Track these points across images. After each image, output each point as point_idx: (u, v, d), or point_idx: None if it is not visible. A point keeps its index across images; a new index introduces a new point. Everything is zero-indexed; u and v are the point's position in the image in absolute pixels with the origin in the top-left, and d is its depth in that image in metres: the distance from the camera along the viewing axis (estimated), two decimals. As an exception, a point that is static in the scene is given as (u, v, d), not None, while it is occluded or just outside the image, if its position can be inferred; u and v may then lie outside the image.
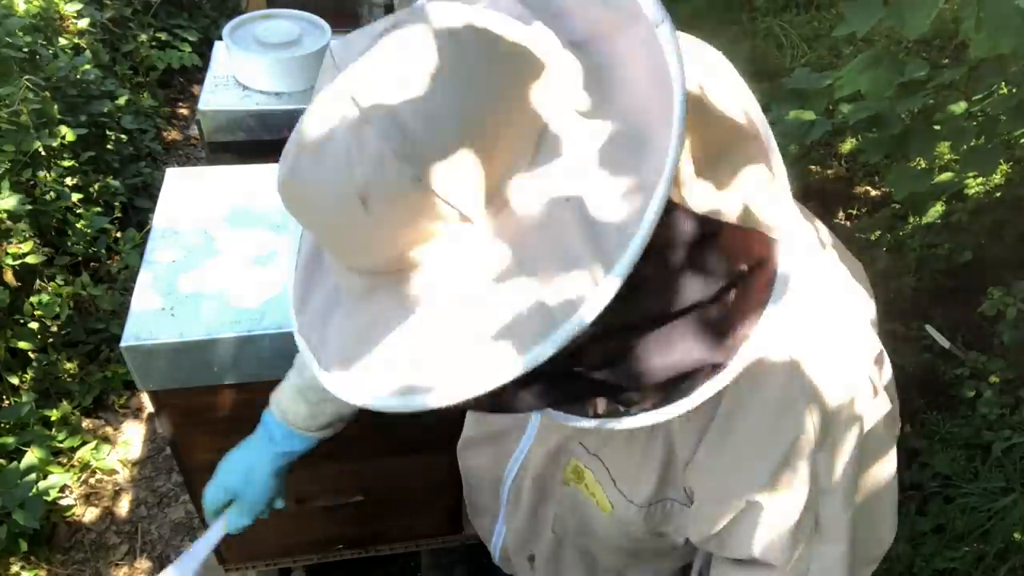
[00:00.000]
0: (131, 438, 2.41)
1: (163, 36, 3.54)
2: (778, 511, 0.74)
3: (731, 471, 0.74)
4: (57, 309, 2.29)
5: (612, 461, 0.83)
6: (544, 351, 0.50)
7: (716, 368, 0.63)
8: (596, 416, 0.69)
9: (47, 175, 2.41)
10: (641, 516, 0.83)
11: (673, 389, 0.64)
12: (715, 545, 0.81)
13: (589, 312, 0.49)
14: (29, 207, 2.27)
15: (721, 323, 0.61)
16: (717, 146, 0.58)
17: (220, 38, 1.81)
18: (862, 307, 0.79)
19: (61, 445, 2.24)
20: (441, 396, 0.53)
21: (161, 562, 2.12)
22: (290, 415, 1.07)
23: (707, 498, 0.78)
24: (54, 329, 2.37)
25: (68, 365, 2.35)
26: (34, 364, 2.29)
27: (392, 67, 0.50)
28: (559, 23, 0.55)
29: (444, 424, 1.54)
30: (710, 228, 0.57)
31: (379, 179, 0.49)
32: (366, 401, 0.58)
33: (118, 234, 2.68)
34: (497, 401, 0.60)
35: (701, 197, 0.56)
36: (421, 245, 0.53)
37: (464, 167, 0.50)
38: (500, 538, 1.11)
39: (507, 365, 0.51)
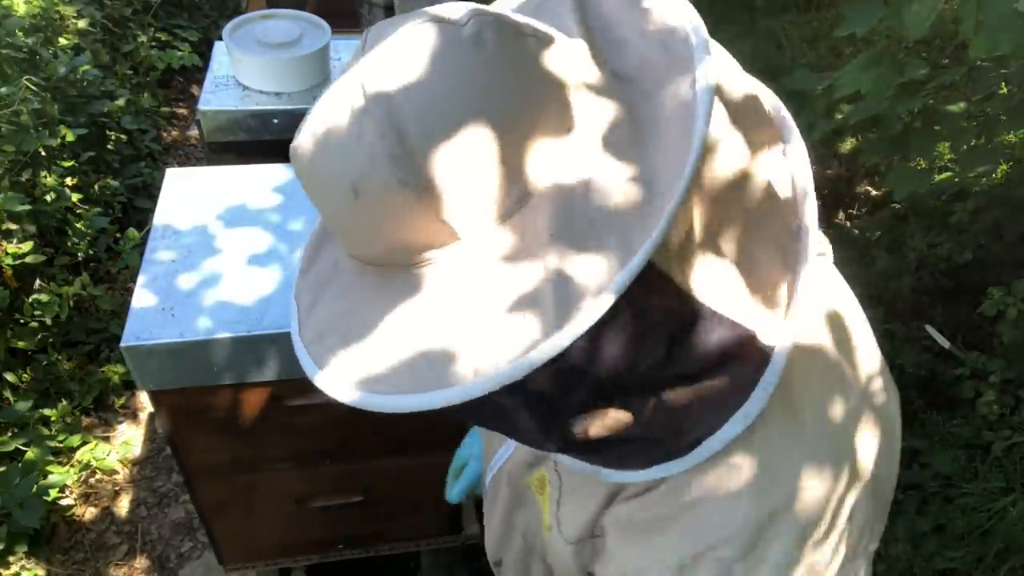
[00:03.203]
0: (131, 438, 2.41)
1: (163, 36, 3.54)
2: None
3: (652, 530, 0.68)
4: (57, 309, 2.29)
5: (567, 484, 0.78)
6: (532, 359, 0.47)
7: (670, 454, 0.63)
8: (593, 461, 0.68)
9: (47, 175, 2.41)
10: (569, 552, 0.79)
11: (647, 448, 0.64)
12: None
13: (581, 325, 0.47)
14: (29, 207, 2.27)
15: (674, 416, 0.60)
16: (740, 219, 0.56)
17: (220, 38, 1.81)
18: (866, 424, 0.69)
19: (61, 445, 2.24)
20: (401, 402, 0.51)
21: (161, 562, 2.13)
22: None
23: (618, 546, 0.72)
24: (54, 329, 2.37)
25: (68, 365, 2.36)
26: (34, 364, 2.29)
27: (402, 59, 0.49)
28: (614, 51, 0.54)
29: (445, 424, 1.54)
30: (690, 309, 0.55)
31: (371, 174, 0.49)
32: (321, 386, 0.56)
33: (118, 234, 2.68)
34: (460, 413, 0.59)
35: (699, 273, 0.54)
36: (414, 247, 0.52)
37: (464, 173, 0.49)
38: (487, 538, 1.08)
39: (470, 381, 0.49)
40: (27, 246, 2.23)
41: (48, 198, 2.36)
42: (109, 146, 2.96)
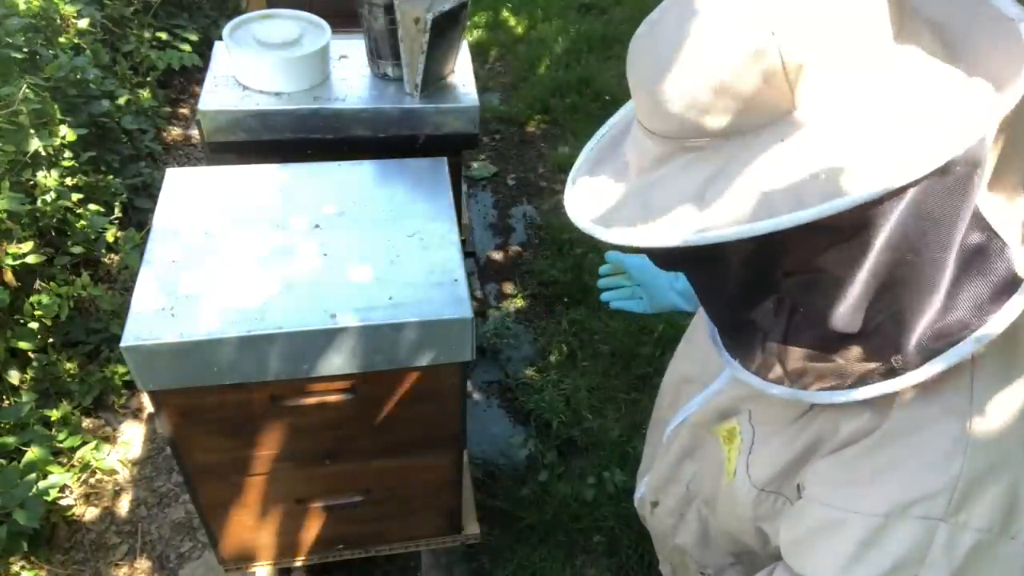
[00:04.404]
0: (131, 438, 2.41)
1: (163, 36, 3.54)
2: (875, 546, 0.66)
3: (854, 482, 0.69)
4: (57, 309, 2.29)
5: (761, 435, 0.82)
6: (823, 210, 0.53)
7: (931, 354, 0.63)
8: (792, 386, 0.71)
9: (47, 175, 2.41)
10: (751, 498, 0.81)
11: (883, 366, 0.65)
12: (793, 553, 0.75)
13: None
14: (29, 207, 2.27)
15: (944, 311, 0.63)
16: None
17: (220, 38, 1.81)
18: None
19: (61, 445, 2.24)
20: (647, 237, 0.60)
21: (161, 562, 2.13)
22: None
23: (814, 496, 0.73)
24: (54, 329, 2.37)
25: (68, 365, 2.35)
26: (34, 364, 2.29)
27: None
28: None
29: (444, 425, 1.54)
30: (985, 235, 0.60)
31: (735, 29, 0.55)
32: (583, 224, 0.67)
33: (118, 234, 2.68)
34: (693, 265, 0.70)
35: (992, 202, 0.60)
36: (736, 118, 0.58)
37: (816, 48, 0.55)
38: (647, 476, 1.14)
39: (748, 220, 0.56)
40: (27, 246, 2.23)
41: (48, 198, 2.36)
42: (109, 146, 2.96)
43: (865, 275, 0.61)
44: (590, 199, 0.69)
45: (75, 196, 2.53)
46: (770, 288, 0.68)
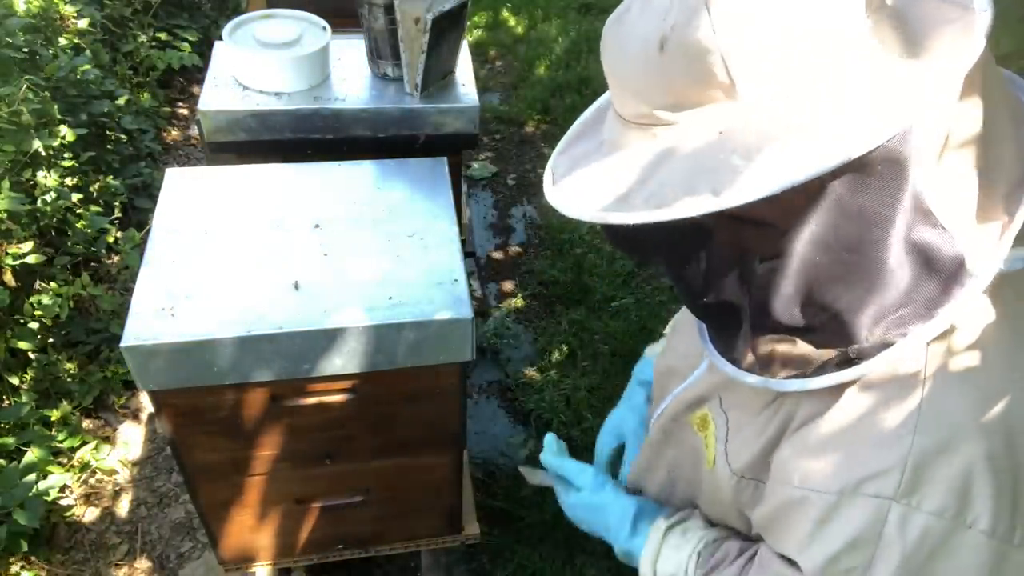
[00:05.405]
0: (131, 438, 2.41)
1: (163, 36, 3.54)
2: (830, 522, 0.68)
3: (811, 461, 0.70)
4: (57, 309, 2.29)
5: (735, 422, 0.83)
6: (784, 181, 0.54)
7: (884, 345, 0.66)
8: (762, 374, 0.73)
9: (47, 175, 2.41)
10: (731, 484, 0.83)
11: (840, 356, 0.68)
12: (765, 533, 0.79)
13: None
14: (29, 207, 2.27)
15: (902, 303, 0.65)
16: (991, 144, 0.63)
17: (220, 38, 1.81)
18: None
19: (61, 445, 2.24)
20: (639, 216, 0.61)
21: (161, 562, 2.13)
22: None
23: (777, 477, 0.75)
24: (54, 329, 2.37)
25: (68, 365, 2.35)
26: (34, 364, 2.29)
27: None
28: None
29: (444, 425, 1.54)
30: (914, 200, 0.60)
31: (682, 26, 0.57)
32: (573, 213, 0.67)
33: (118, 234, 2.68)
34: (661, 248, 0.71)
35: (935, 175, 0.61)
36: (687, 108, 0.60)
37: (755, 46, 0.56)
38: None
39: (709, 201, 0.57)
40: (27, 246, 2.23)
41: (48, 198, 2.36)
42: (109, 146, 2.96)
43: (800, 269, 0.63)
44: (566, 186, 0.71)
45: (75, 196, 2.53)
46: (723, 278, 0.70)
